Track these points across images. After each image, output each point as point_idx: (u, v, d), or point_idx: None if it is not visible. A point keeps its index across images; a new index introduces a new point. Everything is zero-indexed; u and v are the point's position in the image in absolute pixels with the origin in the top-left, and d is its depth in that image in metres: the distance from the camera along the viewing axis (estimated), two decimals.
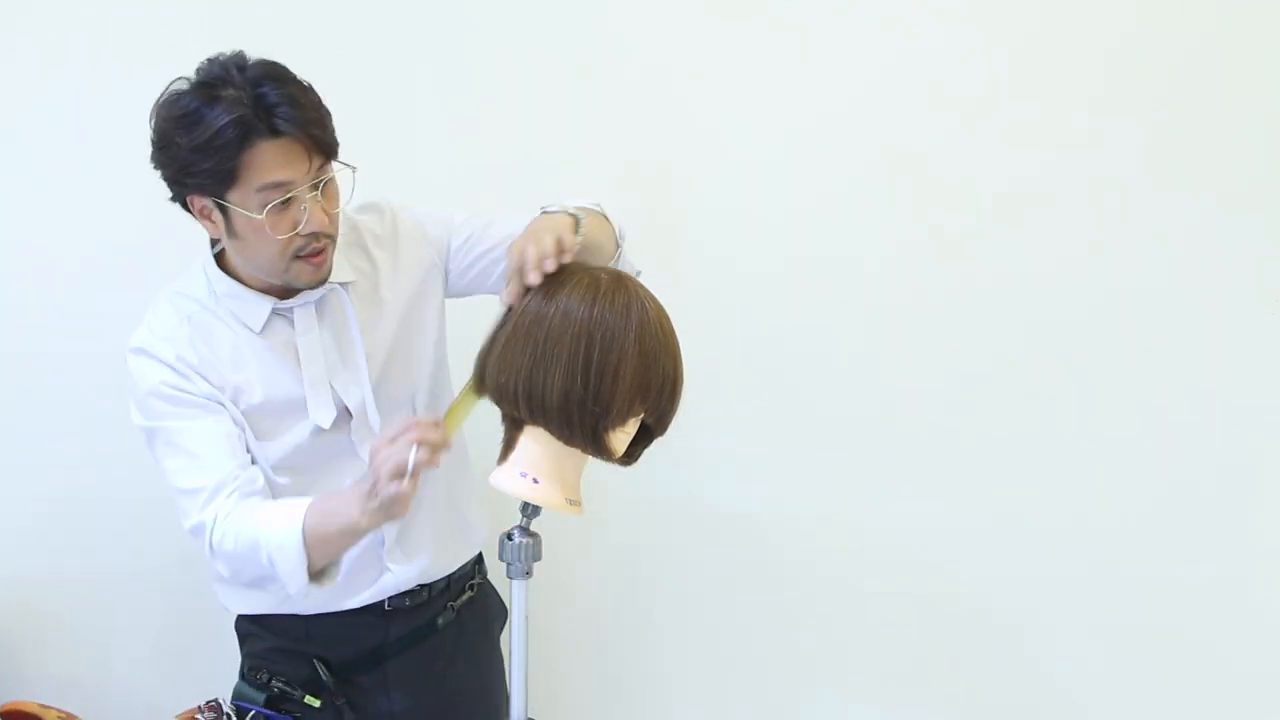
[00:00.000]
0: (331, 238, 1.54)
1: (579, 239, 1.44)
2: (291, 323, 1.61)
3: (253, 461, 1.58)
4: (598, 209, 1.62)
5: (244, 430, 1.58)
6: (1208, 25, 2.15)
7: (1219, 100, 2.16)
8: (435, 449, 1.34)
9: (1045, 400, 2.23)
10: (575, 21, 2.15)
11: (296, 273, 1.53)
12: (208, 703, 1.66)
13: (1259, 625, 2.27)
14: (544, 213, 1.55)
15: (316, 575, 1.48)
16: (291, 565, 1.45)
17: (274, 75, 1.46)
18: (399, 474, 1.32)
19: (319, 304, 1.61)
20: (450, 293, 1.74)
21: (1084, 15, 2.15)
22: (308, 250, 1.51)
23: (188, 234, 1.85)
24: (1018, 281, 2.20)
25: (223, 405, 1.57)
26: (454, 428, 1.42)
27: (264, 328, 1.59)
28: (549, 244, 1.38)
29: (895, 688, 2.32)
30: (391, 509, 1.35)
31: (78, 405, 2.09)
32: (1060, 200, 2.19)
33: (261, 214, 1.46)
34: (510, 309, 1.40)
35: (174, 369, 1.55)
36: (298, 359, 1.60)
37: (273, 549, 1.45)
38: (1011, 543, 2.27)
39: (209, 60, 1.47)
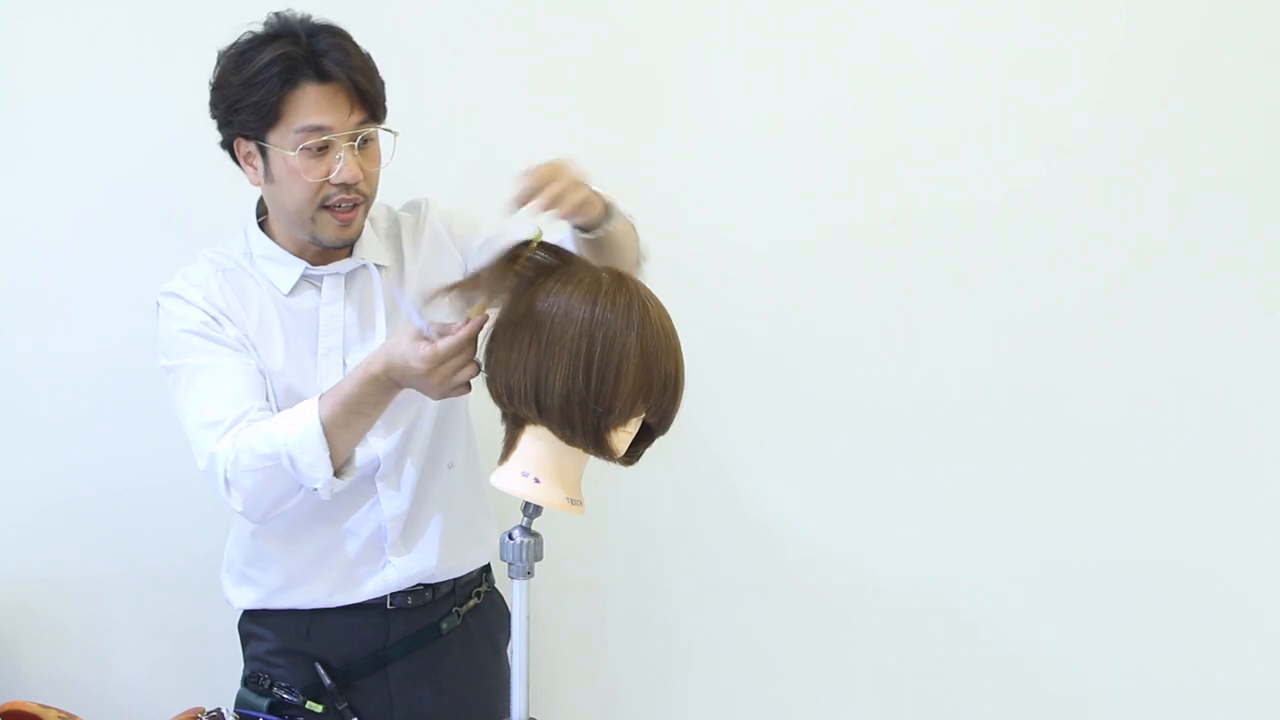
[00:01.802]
0: (365, 197, 1.57)
1: (608, 228, 1.47)
2: (319, 290, 1.64)
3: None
4: (632, 219, 1.61)
5: (266, 380, 1.60)
6: (1208, 25, 2.15)
7: (1219, 100, 2.16)
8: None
9: (1047, 402, 2.22)
10: (575, 18, 2.15)
11: (322, 224, 1.56)
12: (209, 713, 1.63)
13: (1259, 626, 2.27)
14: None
15: (339, 469, 1.50)
16: (314, 456, 1.47)
17: (332, 30, 1.54)
18: (464, 385, 1.44)
19: (349, 277, 1.65)
20: None
21: (1084, 16, 2.15)
22: (336, 201, 1.54)
23: (190, 234, 1.85)
24: (1017, 281, 2.20)
25: (249, 349, 1.59)
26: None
27: (292, 290, 1.62)
28: (574, 193, 1.41)
29: (898, 687, 2.31)
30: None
31: (78, 405, 2.08)
32: (1059, 200, 2.18)
33: (295, 151, 1.49)
34: (508, 303, 1.41)
35: (203, 310, 1.59)
36: (318, 327, 1.63)
37: (292, 445, 1.48)
38: (1013, 543, 2.26)
39: (275, 13, 1.55)
